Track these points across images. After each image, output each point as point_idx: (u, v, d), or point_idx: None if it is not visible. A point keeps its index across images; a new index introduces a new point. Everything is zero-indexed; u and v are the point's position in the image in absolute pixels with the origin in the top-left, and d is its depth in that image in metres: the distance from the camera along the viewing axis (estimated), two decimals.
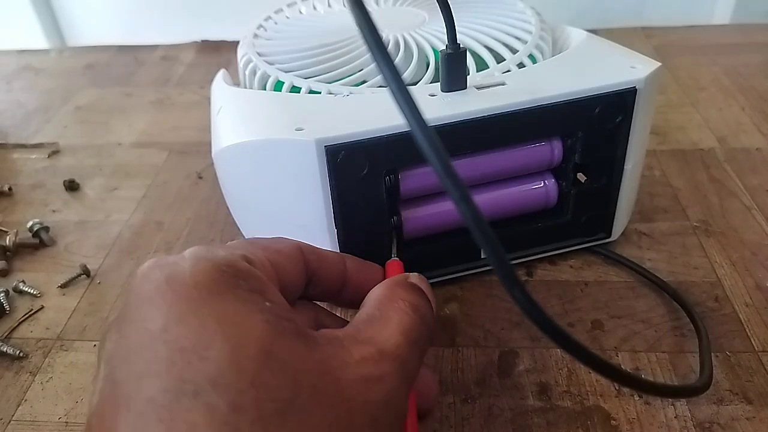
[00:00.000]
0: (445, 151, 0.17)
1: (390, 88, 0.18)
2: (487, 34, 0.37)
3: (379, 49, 0.18)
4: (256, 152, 0.30)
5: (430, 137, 0.17)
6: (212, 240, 0.40)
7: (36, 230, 0.41)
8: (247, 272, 0.20)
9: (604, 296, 0.34)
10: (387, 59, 0.18)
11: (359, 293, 0.25)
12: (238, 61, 0.39)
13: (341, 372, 0.19)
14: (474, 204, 0.17)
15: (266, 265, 0.22)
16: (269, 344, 0.18)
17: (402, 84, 0.18)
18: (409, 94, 0.18)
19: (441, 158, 0.17)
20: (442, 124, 0.28)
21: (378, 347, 0.20)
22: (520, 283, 0.18)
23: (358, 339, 0.20)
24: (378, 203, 0.30)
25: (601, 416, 0.28)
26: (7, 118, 0.59)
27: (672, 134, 0.49)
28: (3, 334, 0.34)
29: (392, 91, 0.18)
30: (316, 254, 0.25)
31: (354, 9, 0.18)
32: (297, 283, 0.24)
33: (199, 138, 0.52)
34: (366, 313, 0.22)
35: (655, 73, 0.32)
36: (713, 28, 0.71)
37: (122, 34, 0.78)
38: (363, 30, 0.18)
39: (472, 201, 0.17)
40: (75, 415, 0.30)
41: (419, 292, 0.24)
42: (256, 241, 0.24)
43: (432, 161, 0.17)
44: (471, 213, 0.17)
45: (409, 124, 0.18)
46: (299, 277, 0.24)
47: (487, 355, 0.31)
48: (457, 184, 0.17)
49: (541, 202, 0.34)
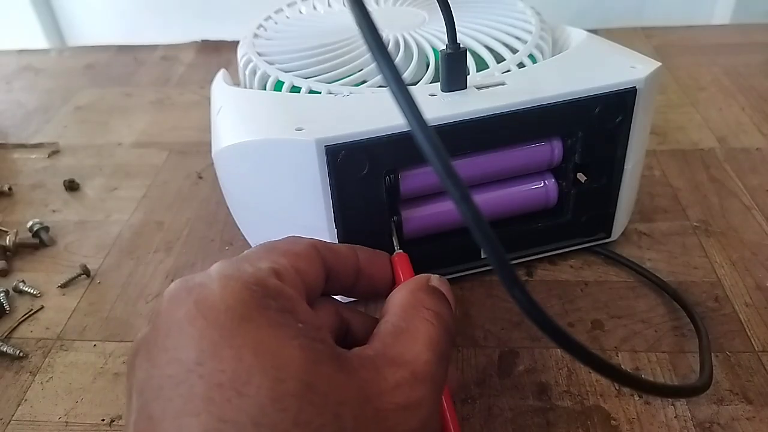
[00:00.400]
0: (446, 150, 0.17)
1: (390, 88, 0.18)
2: (487, 34, 0.37)
3: (379, 49, 0.18)
4: (256, 152, 0.30)
5: (430, 137, 0.17)
6: (212, 240, 0.40)
7: (36, 230, 0.41)
8: (277, 290, 0.20)
9: (604, 296, 0.34)
10: (387, 58, 0.18)
11: (371, 284, 0.26)
12: (238, 60, 0.39)
13: (379, 401, 0.19)
14: (474, 204, 0.17)
15: (293, 276, 0.21)
16: (308, 374, 0.18)
17: (402, 84, 0.18)
18: (409, 94, 0.18)
19: (441, 158, 0.17)
20: (442, 124, 0.28)
21: (410, 369, 0.20)
22: (520, 283, 0.18)
23: (388, 357, 0.20)
24: (378, 203, 0.30)
25: (601, 416, 0.28)
26: (7, 118, 0.59)
27: (672, 134, 0.49)
28: (3, 334, 0.34)
29: (392, 91, 0.18)
30: (331, 250, 0.24)
31: (354, 8, 0.18)
32: (318, 285, 0.23)
33: (199, 138, 0.52)
34: (392, 324, 0.22)
35: (655, 73, 0.32)
36: (713, 28, 0.71)
37: (122, 34, 0.78)
38: (363, 29, 0.18)
39: (472, 201, 0.17)
40: (75, 415, 0.30)
41: (441, 298, 0.24)
42: (274, 246, 0.23)
43: (432, 161, 0.17)
44: (471, 213, 0.17)
45: (409, 124, 0.18)
46: (320, 278, 0.23)
47: (487, 355, 0.31)
48: (458, 184, 0.17)
49: (541, 202, 0.34)
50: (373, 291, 0.26)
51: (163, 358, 0.18)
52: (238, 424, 0.16)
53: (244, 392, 0.17)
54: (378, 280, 0.26)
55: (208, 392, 0.17)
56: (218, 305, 0.18)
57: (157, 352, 0.18)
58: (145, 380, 0.18)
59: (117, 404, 0.30)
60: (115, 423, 0.29)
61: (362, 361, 0.20)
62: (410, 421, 0.19)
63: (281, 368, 0.17)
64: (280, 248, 0.23)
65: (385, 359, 0.20)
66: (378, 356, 0.20)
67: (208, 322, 0.18)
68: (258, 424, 0.16)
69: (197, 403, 0.17)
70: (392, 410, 0.19)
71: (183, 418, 0.17)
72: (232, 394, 0.17)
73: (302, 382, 0.17)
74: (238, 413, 0.16)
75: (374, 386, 0.19)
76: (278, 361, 0.18)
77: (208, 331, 0.18)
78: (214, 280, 0.19)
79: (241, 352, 0.17)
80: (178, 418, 0.17)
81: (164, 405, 0.17)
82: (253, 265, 0.21)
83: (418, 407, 0.19)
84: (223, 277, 0.20)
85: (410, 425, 0.19)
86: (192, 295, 0.19)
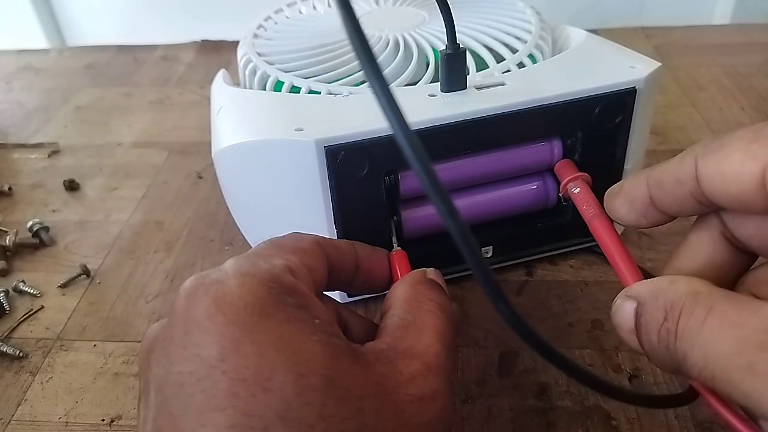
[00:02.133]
0: (436, 174, 0.17)
1: (382, 106, 0.17)
2: (487, 34, 0.37)
3: (363, 46, 0.17)
4: (256, 152, 0.30)
5: (420, 155, 0.17)
6: (212, 240, 0.40)
7: (36, 230, 0.41)
8: (292, 287, 0.20)
9: (604, 296, 0.34)
10: (372, 59, 0.17)
11: (369, 280, 0.26)
12: (238, 61, 0.39)
13: (396, 394, 0.19)
14: (458, 215, 0.17)
15: (305, 273, 0.22)
16: (329, 369, 0.18)
17: (388, 90, 0.17)
18: (396, 105, 0.17)
19: (429, 174, 0.17)
20: (441, 124, 0.28)
21: (422, 360, 0.20)
22: (504, 296, 0.18)
23: (399, 350, 0.20)
24: (378, 203, 0.30)
25: (601, 416, 0.28)
26: (7, 118, 0.59)
27: (672, 134, 0.49)
28: (3, 334, 0.34)
29: (382, 107, 0.17)
30: (332, 246, 0.25)
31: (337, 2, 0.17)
32: (324, 281, 0.24)
33: (199, 138, 0.52)
34: (399, 318, 0.22)
35: (655, 73, 0.32)
36: (713, 28, 0.70)
37: (122, 34, 0.78)
38: (342, 15, 0.17)
39: (454, 209, 0.17)
40: (75, 415, 0.30)
41: (440, 290, 0.24)
42: (282, 243, 0.23)
43: (422, 179, 0.17)
44: (455, 224, 0.17)
45: (398, 140, 0.17)
46: (324, 274, 0.24)
47: (487, 355, 0.31)
48: (446, 200, 0.17)
49: (540, 202, 0.34)
50: (370, 287, 0.27)
51: (182, 355, 0.18)
52: (264, 418, 0.16)
53: (268, 387, 0.17)
54: (376, 276, 0.26)
55: (233, 387, 0.17)
56: (237, 302, 0.19)
57: (175, 349, 0.18)
58: (164, 377, 0.18)
59: (117, 404, 0.30)
60: (115, 423, 0.29)
61: (376, 356, 0.20)
62: (427, 411, 0.19)
63: (303, 363, 0.18)
64: (288, 245, 0.23)
65: (397, 352, 0.20)
66: (390, 350, 0.20)
67: (228, 319, 0.18)
68: (284, 418, 0.17)
69: (221, 399, 0.17)
70: (409, 402, 0.19)
71: (207, 414, 0.17)
72: (257, 389, 0.17)
73: (324, 377, 0.18)
74: (263, 408, 0.17)
75: (390, 379, 0.19)
76: (300, 356, 0.18)
77: (228, 328, 0.18)
78: (231, 277, 0.19)
79: (263, 347, 0.18)
80: (202, 413, 0.17)
81: (186, 401, 0.17)
82: (267, 262, 0.21)
83: (432, 398, 0.20)
84: (240, 274, 0.20)
85: (427, 416, 0.19)
86: (210, 292, 0.19)
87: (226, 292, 0.19)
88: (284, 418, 0.17)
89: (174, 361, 0.18)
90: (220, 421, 0.16)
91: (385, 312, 0.23)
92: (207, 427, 0.16)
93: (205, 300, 0.19)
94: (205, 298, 0.19)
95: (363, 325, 0.24)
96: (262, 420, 0.16)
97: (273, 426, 0.16)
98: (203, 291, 0.19)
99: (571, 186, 0.28)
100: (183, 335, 0.18)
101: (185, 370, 0.18)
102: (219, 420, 0.16)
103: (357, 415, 0.18)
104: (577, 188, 0.28)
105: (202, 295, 0.19)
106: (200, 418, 0.17)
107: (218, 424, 0.16)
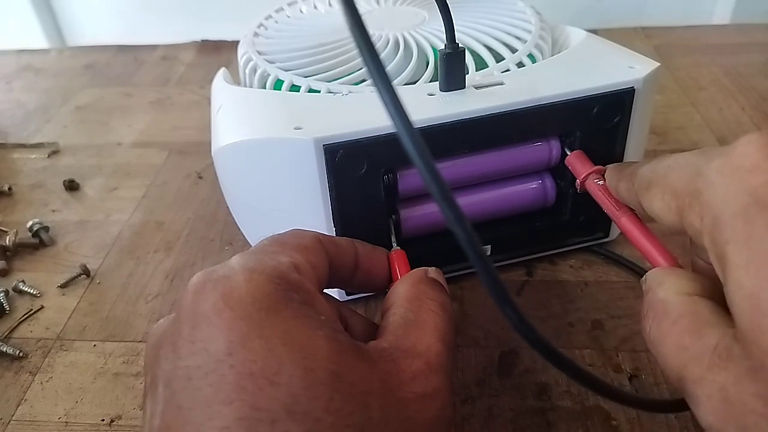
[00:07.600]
0: (443, 178, 0.17)
1: (378, 90, 0.17)
2: (487, 34, 0.37)
3: (366, 45, 0.17)
4: (255, 151, 0.30)
5: (430, 165, 0.17)
6: (212, 240, 0.40)
7: (36, 230, 0.41)
8: (298, 284, 0.20)
9: (604, 296, 0.34)
10: (376, 58, 0.17)
11: (368, 278, 0.26)
12: (238, 59, 0.39)
13: (399, 391, 0.19)
14: (466, 221, 0.17)
15: (309, 271, 0.22)
16: (335, 364, 0.18)
17: (393, 91, 0.17)
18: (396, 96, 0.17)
19: (439, 184, 0.17)
20: (440, 123, 0.28)
21: (424, 359, 0.21)
22: (512, 300, 0.18)
23: (402, 349, 0.21)
24: (376, 202, 0.30)
25: (601, 416, 0.28)
26: (7, 118, 0.59)
27: (672, 134, 0.49)
28: (3, 334, 0.34)
29: (389, 112, 0.17)
30: (333, 243, 0.25)
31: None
32: (326, 278, 0.24)
33: (199, 138, 0.52)
34: (401, 316, 0.22)
35: (654, 74, 0.32)
36: (713, 28, 0.70)
37: (122, 34, 0.78)
38: (346, 13, 0.17)
39: (465, 220, 0.17)
40: (75, 415, 0.30)
41: (442, 289, 0.24)
42: (284, 240, 0.23)
43: (429, 185, 0.17)
44: (463, 231, 0.17)
45: (407, 147, 0.17)
46: (326, 272, 0.24)
47: (487, 355, 0.31)
48: (453, 206, 0.17)
49: (539, 202, 0.34)
50: (369, 285, 0.27)
51: (189, 350, 0.18)
52: (271, 411, 0.17)
53: (276, 381, 0.17)
54: (375, 274, 0.26)
55: (240, 381, 0.17)
56: (245, 297, 0.19)
57: (182, 344, 0.18)
58: (172, 371, 0.18)
59: (117, 404, 0.30)
60: (114, 423, 0.29)
61: (380, 354, 0.20)
62: (429, 409, 0.20)
63: (310, 358, 0.18)
64: (291, 243, 0.23)
65: (399, 351, 0.21)
66: (393, 348, 0.21)
67: (236, 314, 0.18)
68: (291, 411, 0.17)
69: (229, 392, 0.17)
70: (412, 399, 0.19)
71: (214, 407, 0.17)
72: (264, 383, 0.17)
73: (331, 371, 0.18)
74: (271, 401, 0.17)
75: (394, 377, 0.20)
76: (307, 351, 0.18)
77: (236, 323, 0.18)
78: (238, 273, 0.20)
79: (270, 342, 0.18)
80: (210, 406, 0.17)
81: (193, 394, 0.17)
82: (273, 259, 0.21)
83: (434, 396, 0.20)
84: (247, 270, 0.20)
85: (429, 413, 0.20)
86: (218, 288, 0.19)
87: (234, 288, 0.19)
88: (291, 412, 0.17)
89: (182, 355, 0.18)
90: (228, 414, 0.16)
91: (386, 310, 0.23)
92: (215, 420, 0.17)
93: (213, 295, 0.19)
94: (213, 294, 0.19)
95: (363, 324, 0.24)
96: (270, 413, 0.17)
97: (280, 419, 0.17)
98: (211, 286, 0.19)
99: (593, 178, 0.28)
100: (191, 330, 0.19)
101: (193, 364, 0.18)
102: (227, 413, 0.17)
103: (363, 409, 0.18)
104: (601, 180, 0.28)
105: (210, 290, 0.19)
106: (208, 412, 0.17)
107: (226, 417, 0.16)
